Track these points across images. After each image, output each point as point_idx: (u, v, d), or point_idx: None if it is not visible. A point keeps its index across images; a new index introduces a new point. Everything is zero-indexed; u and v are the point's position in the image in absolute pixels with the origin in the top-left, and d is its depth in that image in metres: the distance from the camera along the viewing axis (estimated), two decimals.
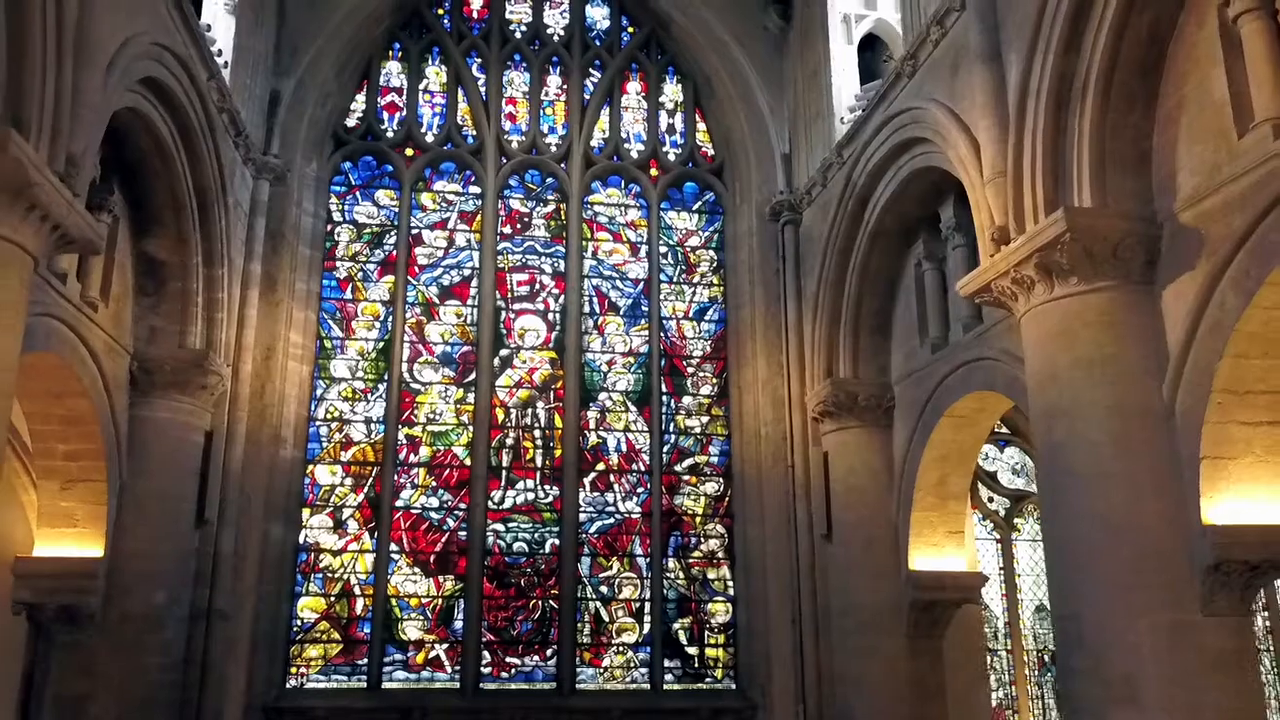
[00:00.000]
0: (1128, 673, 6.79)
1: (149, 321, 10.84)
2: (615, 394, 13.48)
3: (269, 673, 11.74)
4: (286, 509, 12.26)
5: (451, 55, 14.16)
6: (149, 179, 10.14)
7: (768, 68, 14.14)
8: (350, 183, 13.65)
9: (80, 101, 7.11)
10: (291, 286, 12.60)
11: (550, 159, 14.06)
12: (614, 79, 14.55)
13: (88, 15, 7.24)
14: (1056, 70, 7.56)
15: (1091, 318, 7.41)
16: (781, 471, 12.80)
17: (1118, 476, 7.07)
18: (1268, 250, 6.32)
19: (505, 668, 12.39)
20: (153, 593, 10.34)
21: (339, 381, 12.98)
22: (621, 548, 12.98)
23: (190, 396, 10.92)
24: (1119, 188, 7.41)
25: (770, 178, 13.78)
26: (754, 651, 12.58)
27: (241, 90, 11.70)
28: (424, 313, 13.34)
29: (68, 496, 9.88)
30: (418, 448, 12.91)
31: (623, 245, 14.05)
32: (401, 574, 12.50)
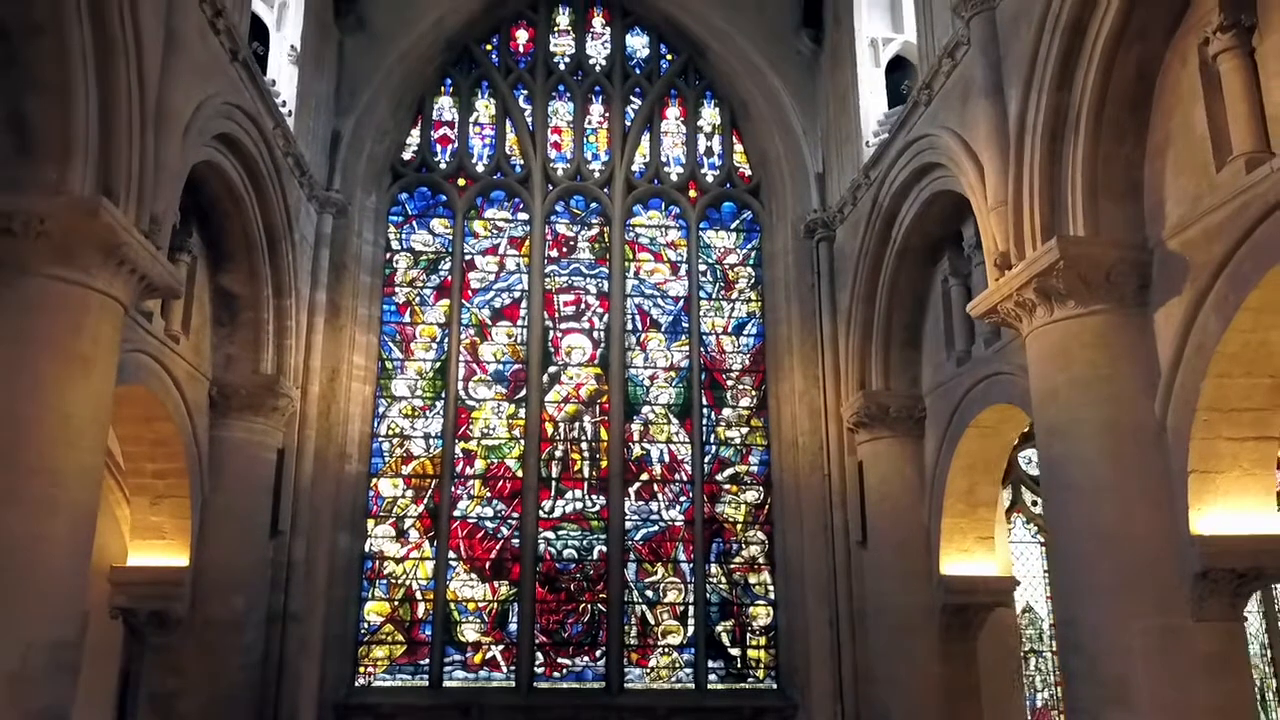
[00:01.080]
0: (1121, 674, 7.24)
1: (225, 350, 11.81)
2: (658, 407, 14.16)
3: (339, 672, 12.67)
4: (353, 520, 13.19)
5: (499, 88, 14.99)
6: (223, 220, 11.10)
7: (801, 90, 14.67)
8: (407, 213, 14.56)
9: (161, 165, 8.03)
10: (354, 312, 13.53)
11: (594, 184, 14.80)
12: (654, 105, 15.23)
13: (167, 86, 8.16)
14: (1051, 105, 8.02)
15: (1088, 339, 7.85)
16: (818, 480, 13.32)
17: (1111, 490, 7.51)
18: (1242, 278, 6.73)
19: (557, 668, 13.15)
20: (233, 598, 11.27)
21: (399, 400, 13.89)
22: (666, 554, 13.65)
23: (263, 418, 11.86)
24: (1111, 216, 7.84)
25: (804, 196, 14.31)
26: (794, 653, 13.14)
27: (305, 133, 12.65)
28: (477, 333, 14.19)
29: (156, 511, 10.86)
30: (473, 461, 13.75)
31: (663, 265, 14.72)
32: (459, 579, 13.34)
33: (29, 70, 7.01)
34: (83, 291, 7.31)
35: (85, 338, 7.36)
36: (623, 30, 15.43)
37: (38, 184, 7.09)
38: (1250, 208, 6.66)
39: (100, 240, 7.22)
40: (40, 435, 6.99)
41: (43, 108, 7.07)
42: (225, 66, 9.74)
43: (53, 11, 6.91)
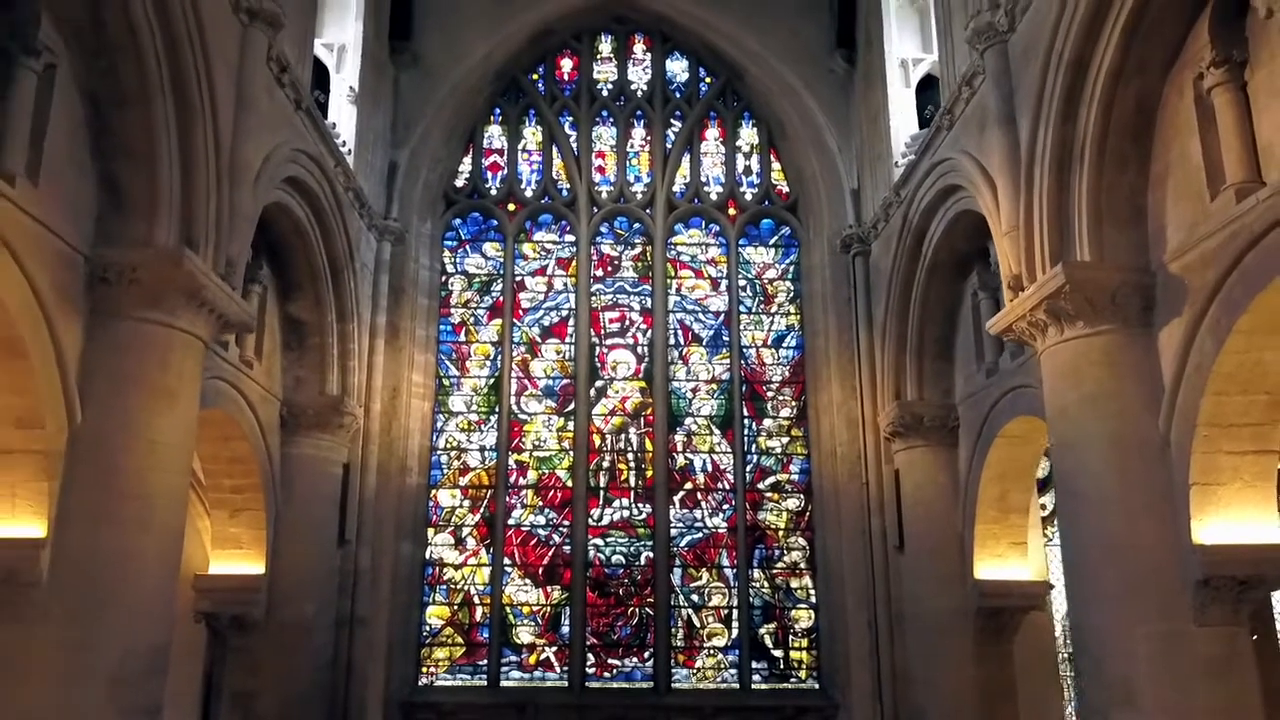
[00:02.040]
0: (1126, 676, 7.67)
1: (294, 372, 12.70)
2: (700, 419, 14.76)
3: (403, 672, 13.50)
4: (414, 529, 14.02)
5: (546, 116, 15.72)
6: (290, 254, 11.97)
7: (835, 109, 15.15)
8: (460, 238, 15.38)
9: (235, 213, 8.87)
10: (413, 333, 14.37)
11: (636, 206, 15.46)
12: (693, 127, 15.82)
13: (239, 142, 9.01)
14: (1057, 137, 8.45)
15: (1095, 357, 8.28)
16: (857, 487, 13.79)
17: (1117, 501, 7.93)
18: (1233, 303, 7.12)
19: (607, 668, 13.83)
20: (305, 604, 12.14)
21: (456, 415, 14.70)
22: (710, 560, 14.24)
23: (330, 435, 12.72)
24: (1115, 241, 8.26)
25: (840, 212, 14.78)
26: (835, 654, 13.64)
27: (364, 167, 13.51)
28: (528, 351, 14.94)
29: (235, 523, 11.78)
30: (526, 472, 14.50)
31: (704, 281, 15.31)
32: (514, 584, 14.10)
33: (120, 138, 7.88)
34: (168, 331, 8.17)
35: (171, 372, 8.22)
36: (663, 56, 16.06)
37: (129, 237, 7.96)
38: (1239, 236, 7.05)
39: (184, 286, 8.07)
40: (132, 461, 7.85)
41: (132, 170, 7.94)
42: (290, 116, 10.59)
43: (140, 85, 7.78)
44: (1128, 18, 7.72)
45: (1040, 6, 8.80)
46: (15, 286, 6.96)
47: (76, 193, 7.72)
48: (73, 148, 7.67)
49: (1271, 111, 7.05)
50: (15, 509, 7.32)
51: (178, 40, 7.90)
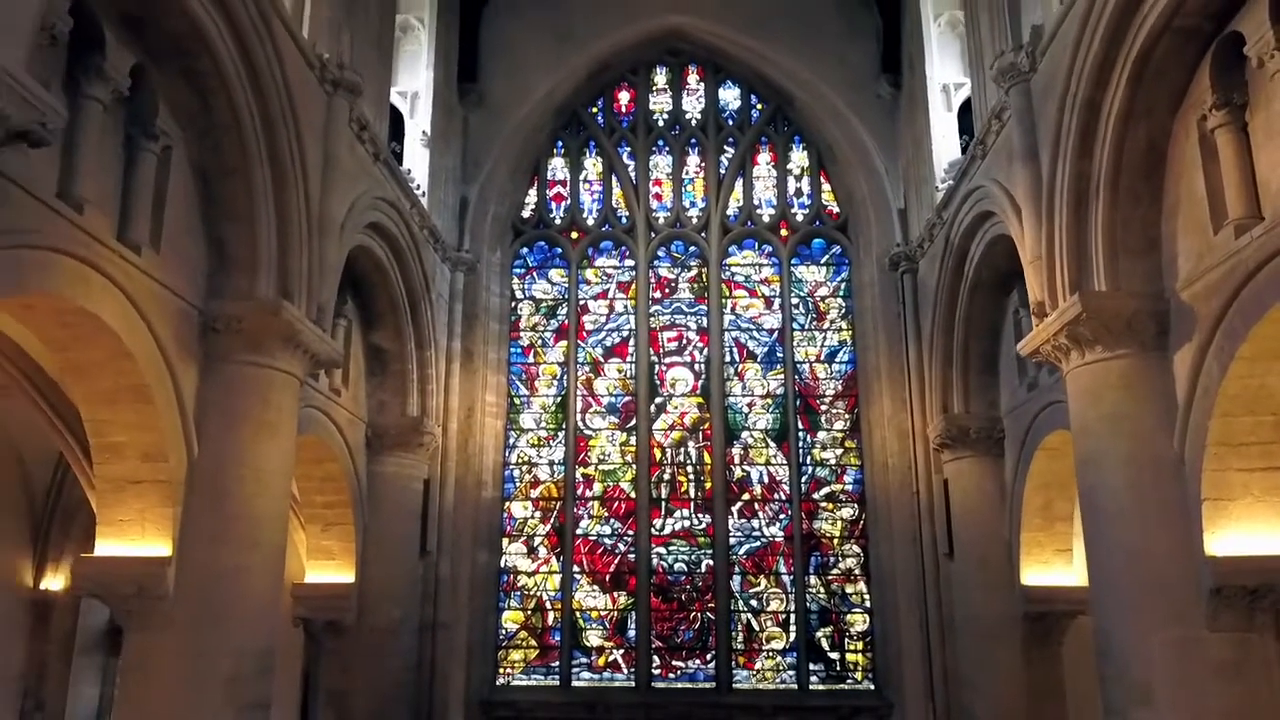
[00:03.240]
0: (1144, 679, 8.20)
1: (378, 396, 13.81)
2: (756, 432, 15.50)
3: (482, 673, 14.54)
4: (489, 539, 15.06)
5: (605, 147, 16.64)
6: (371, 289, 13.07)
7: (882, 131, 15.73)
8: (528, 265, 16.39)
9: (324, 264, 9.95)
10: (485, 356, 15.41)
11: (692, 230, 16.27)
12: (745, 152, 16.57)
13: (326, 199, 10.09)
14: (1074, 172, 9.00)
15: (1113, 380, 8.81)
16: (908, 497, 14.38)
17: (1135, 515, 8.46)
18: (1234, 331, 7.62)
19: (672, 669, 14.67)
20: (391, 610, 13.23)
21: (526, 432, 15.71)
22: (768, 567, 14.98)
23: (411, 453, 13.79)
24: (1130, 271, 8.78)
25: (888, 231, 15.36)
26: (889, 656, 14.25)
27: (437, 204, 14.58)
28: (592, 370, 15.88)
29: (327, 536, 12.93)
30: (592, 484, 15.44)
31: (758, 300, 16.05)
32: (583, 591, 15.04)
33: (225, 205, 8.99)
34: (269, 372, 9.26)
35: (272, 408, 9.31)
36: (715, 85, 16.84)
37: (234, 291, 9.07)
38: (1237, 270, 7.56)
39: (281, 332, 9.15)
40: (241, 488, 8.94)
41: (236, 232, 9.05)
42: (369, 168, 11.66)
43: (242, 158, 8.87)
44: (1133, 65, 8.26)
45: (1056, 51, 9.37)
46: (143, 341, 8.08)
47: (190, 255, 8.85)
48: (186, 216, 8.79)
49: (1268, 151, 7.53)
50: (145, 531, 8.46)
51: (273, 117, 8.98)
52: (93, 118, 7.48)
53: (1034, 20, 10.15)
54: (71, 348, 7.87)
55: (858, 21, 16.10)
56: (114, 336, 7.76)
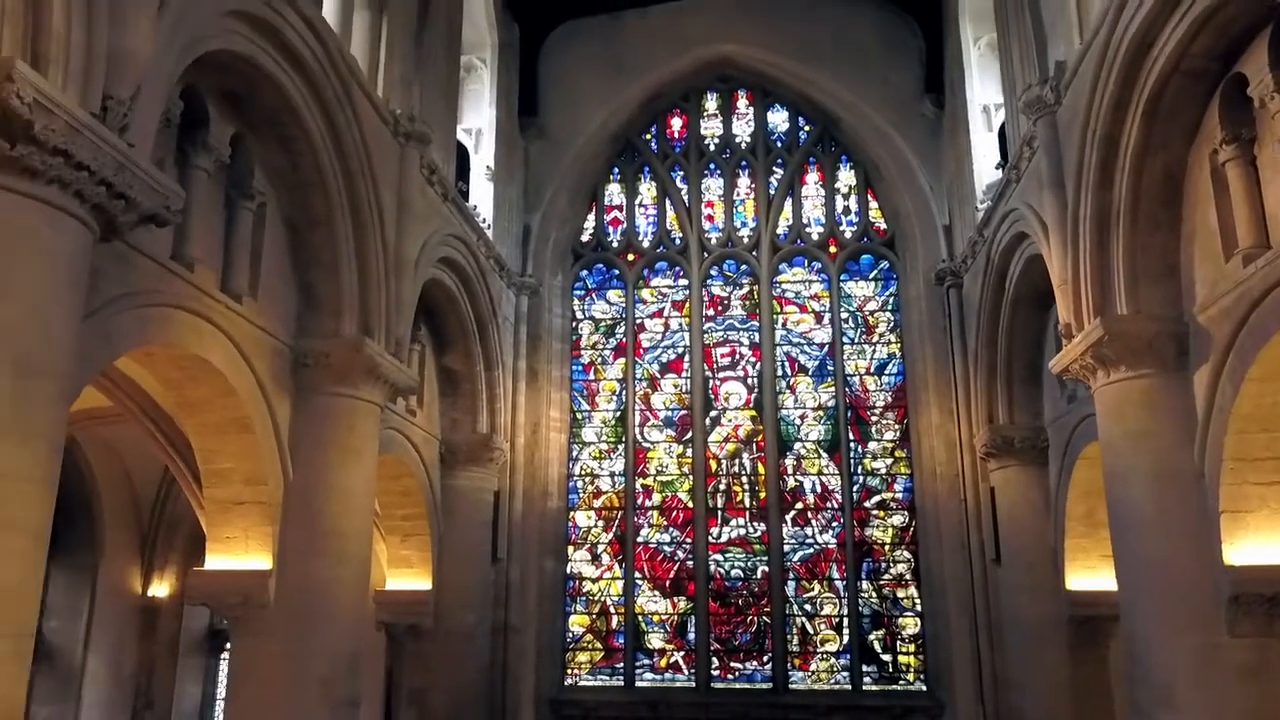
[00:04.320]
0: (1167, 681, 8.69)
1: (450, 415, 14.79)
2: (808, 443, 16.14)
3: (551, 674, 15.43)
4: (555, 547, 15.96)
5: (659, 172, 17.43)
6: (442, 316, 14.06)
7: (926, 150, 16.24)
8: (587, 287, 17.27)
9: (400, 301, 10.92)
10: (549, 374, 16.33)
11: (743, 249, 16.97)
12: (794, 173, 17.21)
13: (401, 241, 11.05)
14: (1096, 203, 9.51)
15: (1136, 398, 9.30)
16: (956, 505, 14.89)
17: (1158, 527, 8.95)
18: (1244, 354, 8.10)
19: (730, 671, 15.39)
20: (465, 614, 14.19)
21: (588, 445, 16.58)
22: (821, 573, 15.61)
23: (481, 467, 14.75)
24: (1150, 295, 9.26)
25: (934, 247, 15.86)
26: (939, 658, 14.78)
27: (502, 234, 15.53)
28: (649, 386, 16.68)
29: (406, 546, 13.94)
30: (651, 494, 16.25)
31: (808, 315, 16.68)
32: (645, 596, 15.85)
33: (312, 252, 10.00)
34: (353, 402, 10.24)
35: (356, 434, 10.29)
36: (764, 109, 17.51)
37: (321, 330, 10.07)
38: (1245, 297, 8.04)
39: (364, 365, 10.12)
40: (330, 507, 9.93)
41: (322, 277, 10.05)
42: (439, 207, 12.62)
43: (326, 210, 9.87)
44: (1146, 103, 8.76)
45: (1078, 86, 9.88)
46: (244, 378, 9.10)
47: (282, 299, 9.87)
48: (279, 264, 9.81)
49: (1275, 185, 7.99)
50: (249, 547, 9.49)
51: (353, 172, 9.96)
52: (200, 185, 8.51)
53: (1058, 55, 10.64)
54: (184, 386, 8.92)
55: (901, 44, 16.62)
56: (220, 376, 8.79)
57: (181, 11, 6.90)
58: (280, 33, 8.51)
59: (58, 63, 5.57)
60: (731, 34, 17.02)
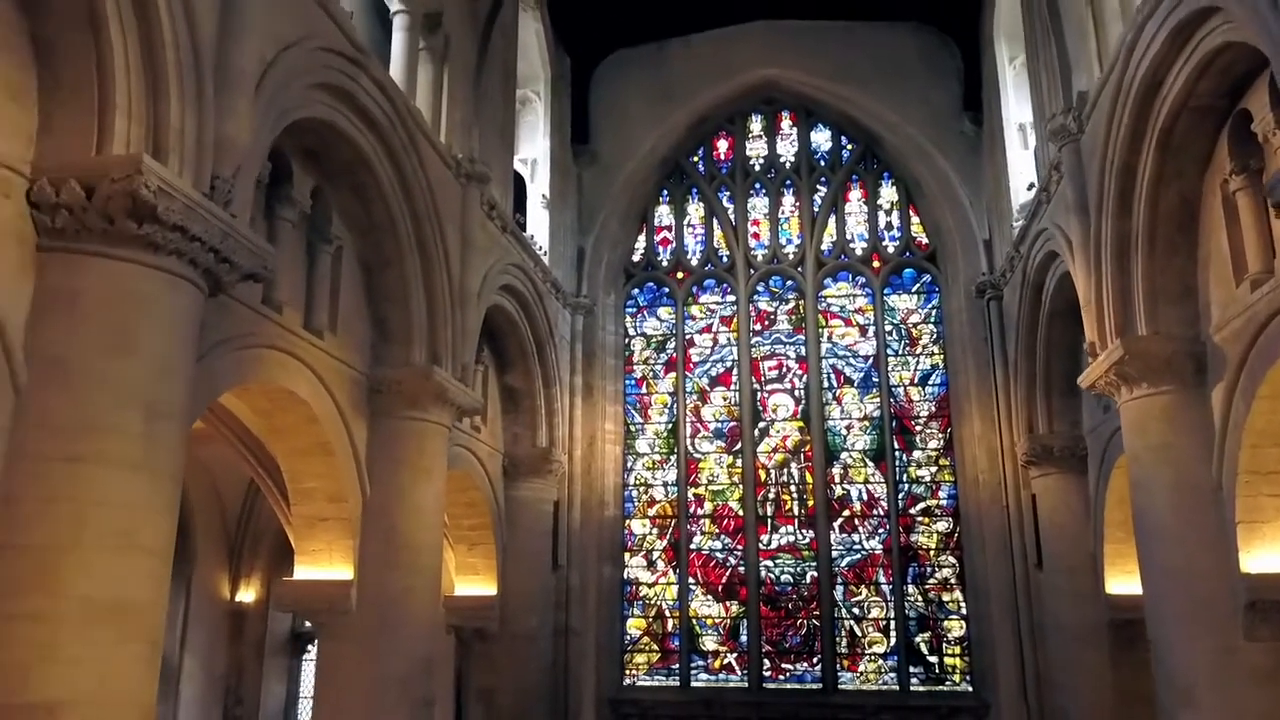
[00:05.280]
0: (1189, 683, 9.19)
1: (512, 430, 15.69)
2: (855, 453, 16.74)
3: (610, 674, 16.26)
4: (613, 554, 16.79)
5: (706, 193, 18.17)
6: (503, 338, 14.96)
7: (966, 166, 16.72)
8: (639, 305, 18.08)
9: (465, 330, 11.81)
10: (604, 390, 17.17)
11: (789, 265, 17.63)
12: (837, 190, 17.81)
13: (465, 274, 11.95)
14: (1115, 228, 10.02)
15: (1157, 414, 9.79)
16: (998, 511, 15.37)
17: (1178, 537, 9.44)
18: (1253, 374, 8.58)
19: (781, 671, 16.07)
20: (529, 617, 15.06)
21: (642, 456, 17.38)
22: (868, 577, 16.21)
23: (542, 479, 15.63)
24: (1169, 315, 9.74)
25: (974, 261, 16.35)
26: (984, 660, 15.28)
27: (557, 257, 16.40)
28: (699, 398, 17.43)
29: (472, 555, 14.86)
30: (703, 503, 16.99)
31: (853, 328, 17.27)
32: (698, 600, 16.60)
33: (383, 289, 10.94)
34: (423, 425, 11.14)
35: (426, 454, 11.20)
36: (807, 129, 18.14)
37: (393, 360, 11.00)
38: (1253, 320, 8.52)
39: (433, 391, 11.02)
40: (404, 522, 10.83)
41: (393, 311, 10.98)
42: (499, 239, 13.52)
43: (396, 250, 10.80)
44: (1159, 135, 9.27)
45: (1098, 117, 10.39)
46: (326, 407, 10.05)
47: (358, 332, 10.82)
48: (354, 301, 10.76)
49: None
50: (332, 559, 10.44)
51: (420, 214, 10.87)
52: (285, 234, 9.47)
53: (1081, 85, 11.14)
54: (274, 414, 9.90)
55: (939, 64, 17.12)
56: (305, 405, 9.74)
57: (274, 91, 7.84)
58: (355, 97, 9.44)
59: (175, 152, 6.51)
60: (774, 58, 17.69)
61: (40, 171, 6.17)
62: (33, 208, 6.15)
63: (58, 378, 6.10)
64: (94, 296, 6.28)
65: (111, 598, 6.01)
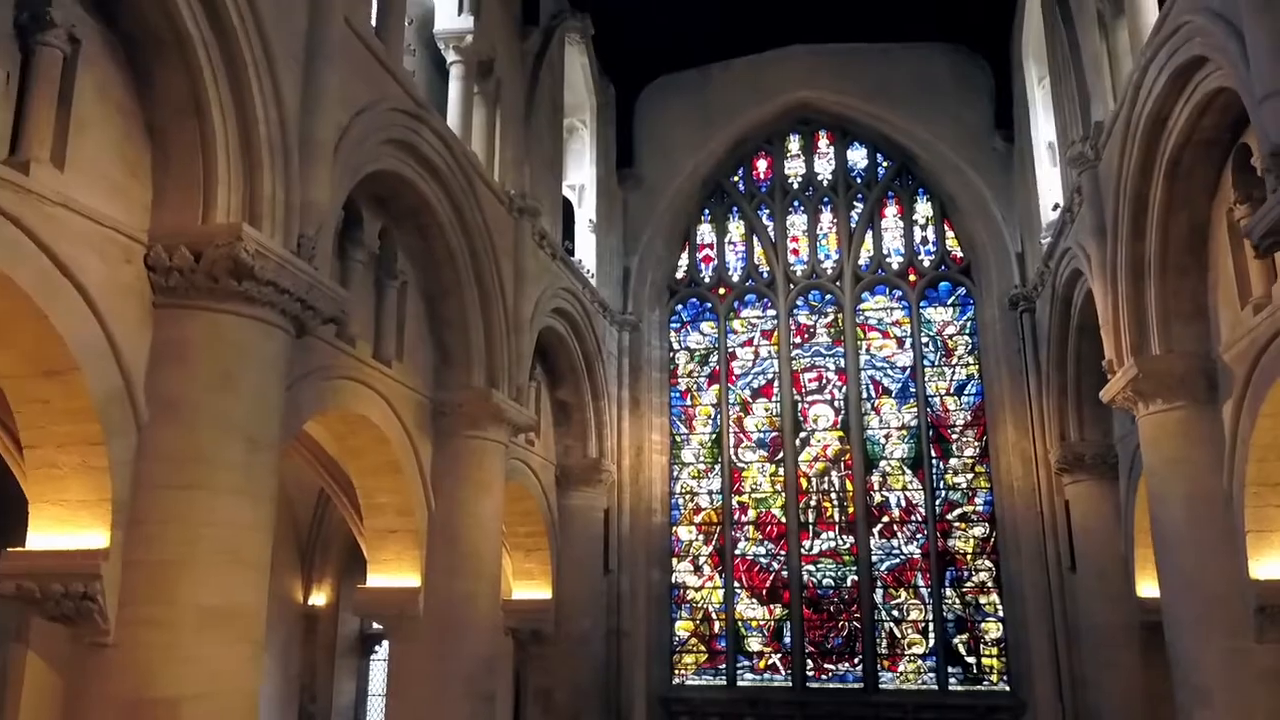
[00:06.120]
0: (1204, 683, 9.74)
1: (564, 442, 16.57)
2: (893, 461, 17.36)
3: (660, 674, 17.07)
4: (660, 559, 17.60)
5: (746, 211, 18.90)
6: (554, 356, 15.84)
7: (998, 182, 17.24)
8: (682, 320, 18.87)
9: (520, 353, 12.72)
10: (650, 402, 17.99)
11: (827, 280, 18.29)
12: (874, 207, 18.43)
13: (518, 301, 12.85)
14: (1129, 253, 10.58)
15: (1172, 428, 10.34)
16: (1033, 517, 15.90)
17: (1193, 544, 9.98)
18: (1259, 391, 9.12)
19: (824, 671, 16.75)
20: (582, 620, 15.92)
21: (687, 465, 18.16)
22: (907, 581, 16.82)
23: (592, 488, 16.48)
24: (1181, 334, 10.29)
25: (1007, 274, 16.87)
26: (1020, 660, 15.82)
27: (604, 278, 17.26)
28: (742, 410, 18.16)
29: (529, 560, 15.76)
30: (746, 510, 17.73)
31: (890, 340, 17.88)
32: (743, 603, 17.34)
33: (444, 318, 11.88)
34: (482, 443, 12.06)
35: (486, 470, 12.12)
36: (843, 148, 18.78)
37: (454, 383, 11.93)
38: (1255, 342, 9.07)
39: (491, 412, 11.94)
40: (468, 534, 11.75)
41: (454, 338, 11.91)
42: (549, 266, 14.41)
43: (456, 282, 11.73)
44: (1167, 166, 9.83)
45: (1112, 146, 10.96)
46: (394, 429, 11.00)
47: (422, 359, 11.76)
48: (418, 330, 11.71)
49: None
50: (402, 568, 11.39)
51: (477, 249, 11.80)
52: (356, 274, 10.43)
53: (1097, 115, 11.70)
54: (348, 437, 10.87)
55: (971, 83, 17.64)
56: (376, 428, 10.69)
57: (348, 152, 8.79)
58: (418, 148, 10.38)
59: (268, 217, 7.47)
60: (811, 80, 18.36)
61: (155, 239, 7.16)
62: (149, 270, 7.14)
63: (172, 416, 7.07)
64: (201, 344, 7.25)
65: (221, 605, 6.97)
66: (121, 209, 7.04)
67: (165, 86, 7.19)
